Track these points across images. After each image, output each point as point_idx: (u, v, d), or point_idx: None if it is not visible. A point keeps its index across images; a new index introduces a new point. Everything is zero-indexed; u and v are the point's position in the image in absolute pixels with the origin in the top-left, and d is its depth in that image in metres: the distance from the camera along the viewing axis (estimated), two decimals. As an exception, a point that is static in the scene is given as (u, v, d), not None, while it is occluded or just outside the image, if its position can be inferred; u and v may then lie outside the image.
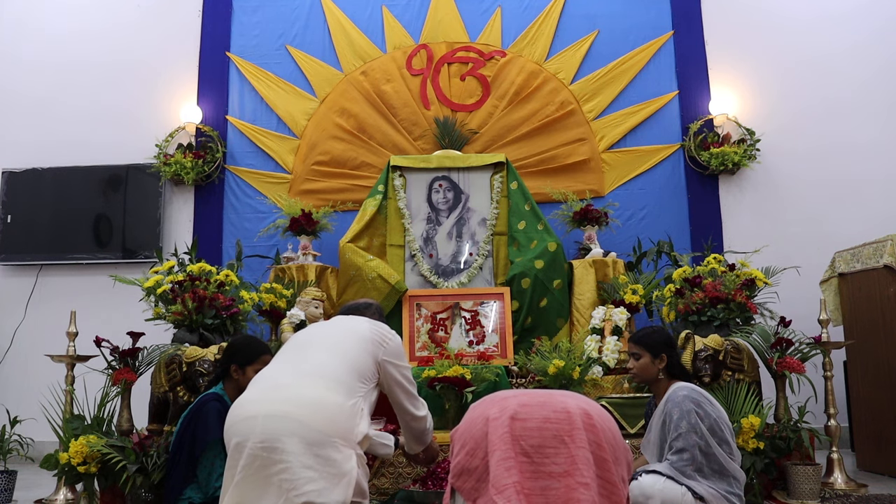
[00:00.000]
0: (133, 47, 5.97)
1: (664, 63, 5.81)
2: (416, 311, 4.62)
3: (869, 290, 4.33)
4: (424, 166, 5.09)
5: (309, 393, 2.19)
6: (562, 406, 1.98)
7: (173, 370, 3.73)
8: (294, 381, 2.25)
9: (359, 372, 2.32)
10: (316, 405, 2.15)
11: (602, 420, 2.03)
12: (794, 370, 3.67)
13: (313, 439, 2.07)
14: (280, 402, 2.16)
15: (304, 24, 5.96)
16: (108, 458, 3.30)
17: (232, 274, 4.32)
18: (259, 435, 2.08)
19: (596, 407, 2.10)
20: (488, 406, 2.11)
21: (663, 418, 2.65)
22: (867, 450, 4.40)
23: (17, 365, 5.46)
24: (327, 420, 2.12)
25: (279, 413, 2.11)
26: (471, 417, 2.16)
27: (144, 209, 5.64)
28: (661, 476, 2.52)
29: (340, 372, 2.27)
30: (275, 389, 2.24)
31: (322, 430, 2.09)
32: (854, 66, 5.74)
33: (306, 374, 2.26)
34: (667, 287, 4.27)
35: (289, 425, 2.08)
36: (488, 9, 5.92)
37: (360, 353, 2.37)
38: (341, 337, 2.45)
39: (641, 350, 2.82)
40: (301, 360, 2.35)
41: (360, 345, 2.40)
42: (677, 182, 5.65)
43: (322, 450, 2.07)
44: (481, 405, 2.21)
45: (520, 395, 2.13)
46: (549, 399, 2.03)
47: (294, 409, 2.12)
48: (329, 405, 2.16)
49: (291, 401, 2.16)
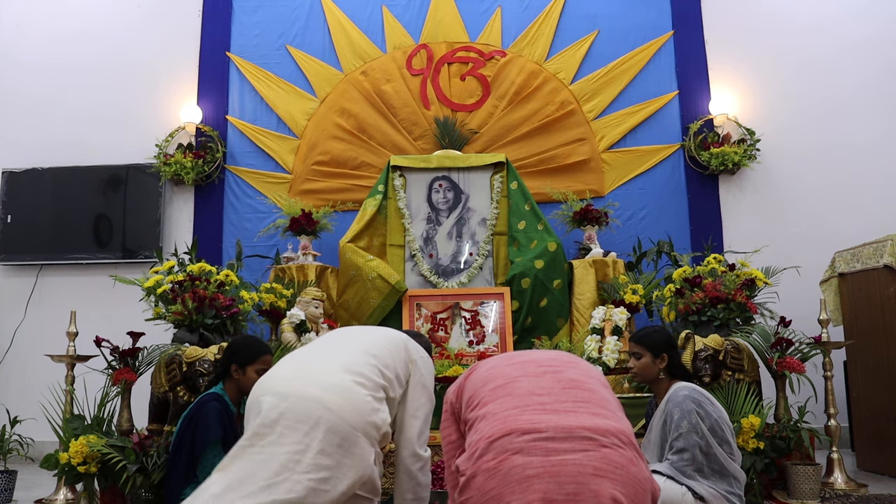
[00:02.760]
0: (133, 47, 5.97)
1: (664, 63, 5.81)
2: (416, 311, 4.62)
3: (869, 290, 4.33)
4: (424, 166, 5.09)
5: (339, 382, 2.17)
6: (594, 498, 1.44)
7: (173, 370, 3.73)
8: (328, 368, 2.24)
9: (390, 375, 2.31)
10: (345, 396, 2.13)
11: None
12: (794, 370, 3.67)
13: (338, 429, 2.04)
14: (312, 386, 2.14)
15: (304, 24, 5.96)
16: (108, 458, 3.30)
17: (232, 274, 4.32)
18: (289, 411, 2.06)
19: (632, 488, 1.53)
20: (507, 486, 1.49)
21: (664, 418, 2.65)
22: (867, 450, 4.40)
23: (17, 365, 5.46)
24: (355, 412, 2.10)
25: (310, 396, 2.09)
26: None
27: (144, 209, 5.64)
28: (662, 476, 2.53)
29: (373, 372, 2.26)
30: (308, 370, 2.24)
31: (349, 421, 2.07)
32: (854, 67, 5.74)
33: (340, 365, 2.25)
34: (667, 287, 4.27)
35: (317, 411, 2.05)
36: (488, 9, 5.92)
37: (397, 356, 2.38)
38: (381, 337, 2.46)
39: (642, 349, 2.82)
40: (336, 350, 2.37)
41: (396, 349, 2.41)
42: (677, 182, 5.65)
43: (344, 441, 2.04)
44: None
45: (543, 473, 1.46)
46: (581, 490, 1.43)
47: (325, 395, 2.10)
48: (357, 398, 2.14)
49: (324, 387, 2.14)
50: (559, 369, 1.70)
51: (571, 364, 1.80)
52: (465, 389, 1.88)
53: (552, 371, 1.68)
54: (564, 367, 1.74)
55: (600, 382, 1.79)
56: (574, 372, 1.70)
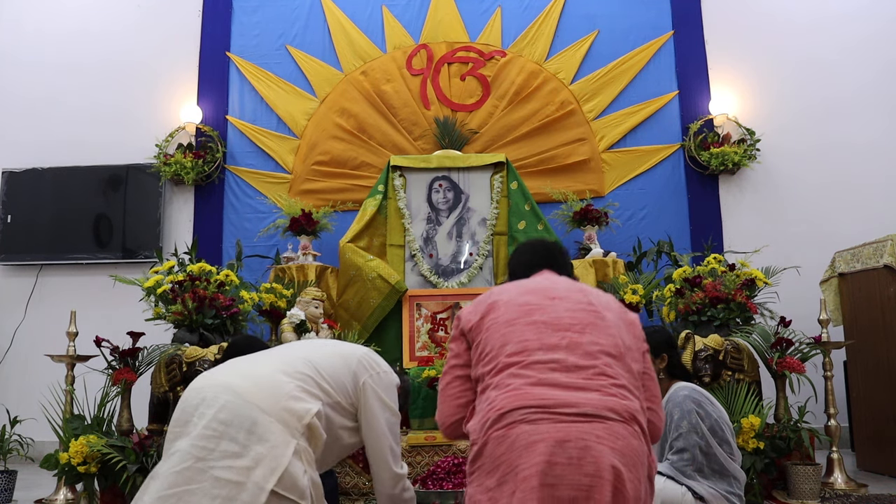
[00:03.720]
0: (133, 47, 5.97)
1: (664, 63, 5.81)
2: (416, 311, 4.62)
3: (869, 290, 4.33)
4: (424, 166, 5.09)
5: (260, 372, 2.07)
6: (594, 467, 1.48)
7: (173, 370, 3.73)
8: (255, 362, 2.17)
9: (331, 381, 2.14)
10: (261, 381, 2.02)
11: (633, 484, 1.52)
12: (794, 370, 3.67)
13: (246, 413, 1.91)
14: (229, 375, 2.06)
15: (304, 24, 5.96)
16: (108, 458, 3.30)
17: (232, 274, 4.32)
18: (201, 400, 1.97)
19: (631, 459, 1.54)
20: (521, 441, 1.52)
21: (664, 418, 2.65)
22: (867, 450, 4.40)
23: (17, 365, 5.46)
24: (269, 396, 1.96)
25: (222, 383, 2.01)
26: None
27: (144, 209, 5.64)
28: (661, 476, 2.53)
29: (308, 370, 2.12)
30: (235, 365, 2.17)
31: (258, 404, 1.93)
32: (855, 67, 5.74)
33: (269, 362, 2.16)
34: (667, 287, 4.27)
35: (224, 395, 1.95)
36: (488, 9, 5.92)
37: (341, 367, 2.20)
38: (327, 348, 2.32)
39: None
40: (274, 353, 2.28)
41: (342, 360, 2.23)
42: (677, 182, 5.65)
43: (254, 427, 1.90)
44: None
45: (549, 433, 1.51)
46: (583, 455, 1.48)
47: (236, 380, 2.01)
48: (275, 384, 2.01)
49: (240, 374, 2.06)
50: (576, 338, 1.64)
51: (590, 326, 1.67)
52: (482, 332, 1.74)
53: (568, 339, 1.64)
54: (583, 330, 1.66)
55: (618, 346, 1.67)
56: (590, 337, 1.65)
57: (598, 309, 1.73)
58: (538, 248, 2.06)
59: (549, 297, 1.76)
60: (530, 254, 2.04)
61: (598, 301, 1.77)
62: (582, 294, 1.78)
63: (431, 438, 3.57)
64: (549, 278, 1.91)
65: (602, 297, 1.81)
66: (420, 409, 3.94)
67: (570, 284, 1.85)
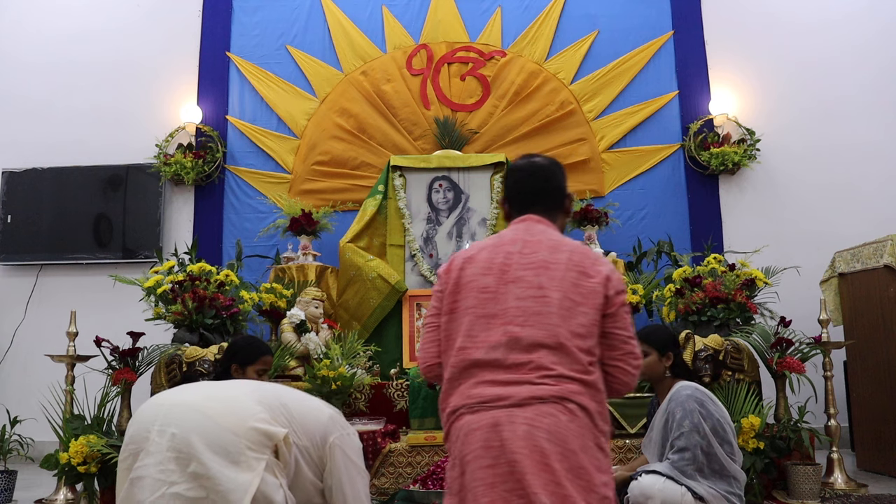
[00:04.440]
0: (133, 47, 5.97)
1: (664, 63, 5.81)
2: (416, 311, 4.62)
3: (869, 290, 4.33)
4: (424, 166, 5.09)
5: (229, 393, 2.04)
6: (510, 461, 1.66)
7: (173, 370, 3.73)
8: (221, 386, 2.15)
9: (301, 425, 2.07)
10: (229, 402, 1.98)
11: (561, 455, 1.66)
12: (794, 370, 3.67)
13: (216, 437, 1.87)
14: (195, 395, 2.02)
15: (304, 24, 5.96)
16: (108, 458, 3.30)
17: (232, 274, 4.32)
18: (160, 420, 1.91)
19: (557, 434, 1.67)
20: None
21: (666, 417, 2.65)
22: (867, 450, 4.40)
23: (17, 365, 5.46)
24: (235, 418, 1.92)
25: (188, 402, 1.96)
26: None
27: (144, 209, 5.64)
28: (661, 476, 2.53)
29: (279, 406, 2.05)
30: (197, 387, 2.15)
31: (226, 426, 1.89)
32: (855, 67, 5.74)
33: (239, 386, 2.14)
34: (667, 287, 4.27)
35: (193, 416, 1.90)
36: (488, 9, 5.92)
37: (311, 416, 2.12)
38: (298, 394, 2.24)
39: (649, 348, 2.76)
40: (244, 382, 2.26)
41: (313, 411, 2.16)
42: (677, 182, 5.65)
43: (223, 449, 1.86)
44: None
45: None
46: (511, 433, 1.67)
47: (202, 401, 1.96)
48: (245, 407, 1.97)
49: (206, 396, 2.02)
50: (517, 331, 1.77)
51: (533, 317, 1.78)
52: (450, 296, 1.89)
53: (509, 335, 1.77)
54: (524, 323, 1.78)
55: (556, 335, 1.76)
56: (530, 331, 1.77)
57: (547, 293, 1.81)
58: (530, 182, 2.04)
59: (504, 280, 1.84)
60: (521, 186, 2.04)
61: (551, 279, 1.83)
62: (537, 272, 1.84)
63: (431, 438, 3.58)
64: (524, 233, 1.94)
65: (559, 270, 1.84)
66: (420, 409, 3.94)
67: (532, 256, 1.87)
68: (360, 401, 4.00)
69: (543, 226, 1.95)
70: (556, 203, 2.02)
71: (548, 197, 2.01)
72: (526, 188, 2.02)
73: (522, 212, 2.00)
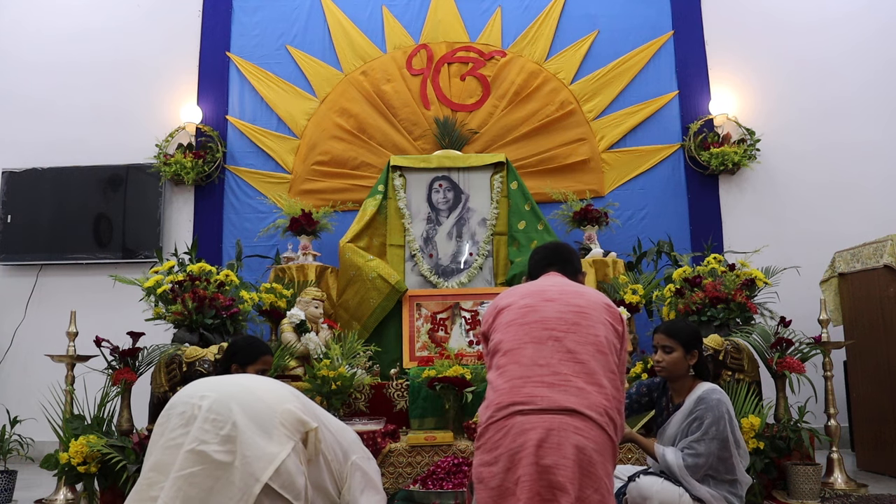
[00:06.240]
0: (133, 47, 5.97)
1: (664, 63, 5.81)
2: (416, 311, 4.62)
3: (869, 290, 4.33)
4: (424, 166, 5.09)
5: (266, 383, 2.17)
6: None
7: (173, 370, 3.73)
8: (256, 377, 2.29)
9: (327, 433, 2.19)
10: (268, 384, 2.12)
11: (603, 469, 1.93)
12: (794, 370, 3.67)
13: (253, 407, 1.97)
14: (234, 377, 2.23)
15: (304, 24, 5.96)
16: (108, 458, 3.30)
17: (232, 274, 4.32)
18: (204, 390, 2.03)
19: (600, 446, 1.93)
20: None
21: (691, 417, 2.58)
22: (867, 450, 4.40)
23: (17, 365, 5.46)
24: (275, 397, 2.04)
25: (229, 379, 2.15)
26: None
27: (144, 209, 5.64)
28: (659, 477, 2.54)
29: (311, 406, 2.20)
30: (233, 377, 2.33)
31: (265, 400, 2.01)
32: (854, 67, 5.74)
33: (274, 381, 2.25)
34: (667, 287, 4.27)
35: (234, 388, 2.03)
36: (488, 9, 5.92)
37: (336, 433, 2.26)
38: (326, 412, 2.38)
39: (675, 343, 2.66)
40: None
41: (339, 427, 2.32)
42: (677, 182, 5.65)
43: (258, 417, 1.95)
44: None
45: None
46: (563, 439, 1.89)
47: (244, 380, 2.13)
48: (282, 395, 2.08)
49: (247, 377, 2.21)
50: (560, 336, 2.02)
51: (574, 327, 2.04)
52: (494, 331, 2.17)
53: (554, 339, 2.02)
54: (567, 330, 2.03)
55: (596, 348, 2.03)
56: (574, 339, 2.02)
57: (578, 318, 2.07)
58: (549, 250, 2.46)
59: (544, 298, 2.15)
60: (542, 254, 2.44)
61: (588, 302, 2.13)
62: (572, 297, 2.14)
63: (431, 438, 3.58)
64: (551, 279, 2.30)
65: (591, 299, 2.17)
66: (420, 409, 3.94)
67: (565, 287, 2.21)
68: (360, 401, 4.00)
69: (565, 278, 2.29)
70: (574, 271, 2.37)
71: (568, 264, 2.38)
72: (549, 253, 2.41)
73: (545, 270, 2.35)
